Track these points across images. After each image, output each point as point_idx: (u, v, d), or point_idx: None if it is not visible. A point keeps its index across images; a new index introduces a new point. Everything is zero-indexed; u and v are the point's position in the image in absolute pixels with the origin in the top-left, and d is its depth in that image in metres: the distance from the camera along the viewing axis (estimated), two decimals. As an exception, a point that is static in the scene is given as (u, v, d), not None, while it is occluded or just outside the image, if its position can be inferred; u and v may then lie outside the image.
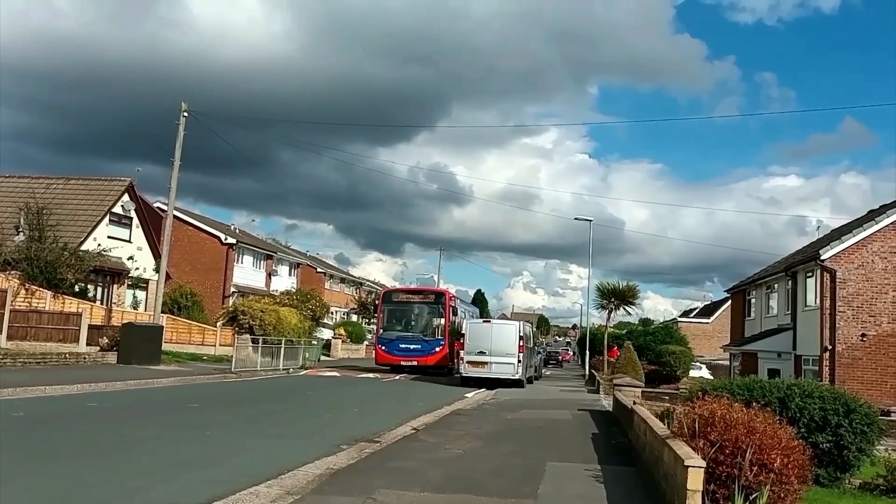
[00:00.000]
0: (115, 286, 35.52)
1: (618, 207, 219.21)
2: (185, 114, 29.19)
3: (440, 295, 34.35)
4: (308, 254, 73.22)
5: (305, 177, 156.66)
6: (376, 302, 75.27)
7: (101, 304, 33.15)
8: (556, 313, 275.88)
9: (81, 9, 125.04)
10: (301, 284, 54.88)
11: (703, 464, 6.25)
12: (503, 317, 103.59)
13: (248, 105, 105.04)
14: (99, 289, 34.56)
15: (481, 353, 26.34)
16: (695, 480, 6.12)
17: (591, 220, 44.14)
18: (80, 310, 27.64)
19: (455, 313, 33.63)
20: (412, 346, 31.40)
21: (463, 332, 27.91)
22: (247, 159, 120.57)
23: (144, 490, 7.04)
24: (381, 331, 32.75)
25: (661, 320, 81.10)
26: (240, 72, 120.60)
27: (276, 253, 56.61)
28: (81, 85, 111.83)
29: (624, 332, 54.12)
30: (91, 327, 26.98)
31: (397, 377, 29.92)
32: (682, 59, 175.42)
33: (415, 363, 31.08)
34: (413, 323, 32.76)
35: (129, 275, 36.01)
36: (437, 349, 31.43)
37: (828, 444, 9.74)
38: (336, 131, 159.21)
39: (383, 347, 32.02)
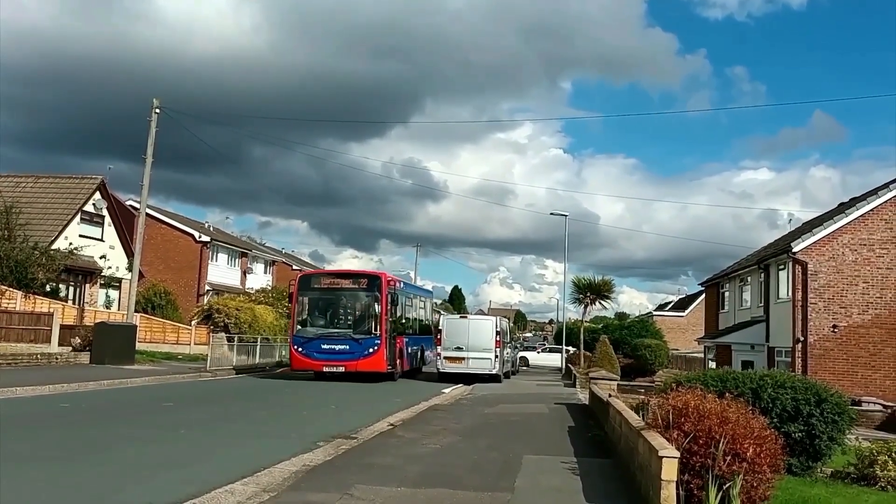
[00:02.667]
0: (88, 285, 35.09)
1: (593, 202, 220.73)
2: (157, 110, 28.86)
3: (374, 279, 25.26)
4: (283, 251, 72.77)
5: (278, 173, 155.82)
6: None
7: (74, 303, 32.74)
8: (532, 308, 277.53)
9: (46, 1, 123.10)
10: (276, 282, 54.53)
11: (678, 454, 6.30)
12: (480, 313, 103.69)
13: (218, 100, 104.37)
14: (71, 288, 34.13)
15: (458, 348, 26.40)
16: (669, 471, 6.17)
17: (566, 216, 44.24)
18: (51, 310, 27.26)
19: (395, 302, 25.57)
20: (338, 347, 23.89)
21: (440, 328, 27.94)
22: (219, 156, 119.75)
23: (118, 491, 6.96)
24: (297, 327, 24.95)
25: (637, 314, 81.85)
26: (209, 66, 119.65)
27: (250, 251, 56.20)
28: (49, 80, 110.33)
29: (600, 326, 54.53)
30: (63, 327, 26.62)
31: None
32: (653, 54, 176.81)
33: (342, 369, 23.72)
34: (339, 316, 25.42)
35: (102, 274, 35.58)
36: (372, 350, 23.78)
37: (800, 434, 9.87)
38: (308, 127, 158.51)
39: (300, 349, 24.37)
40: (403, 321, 27.46)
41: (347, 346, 23.87)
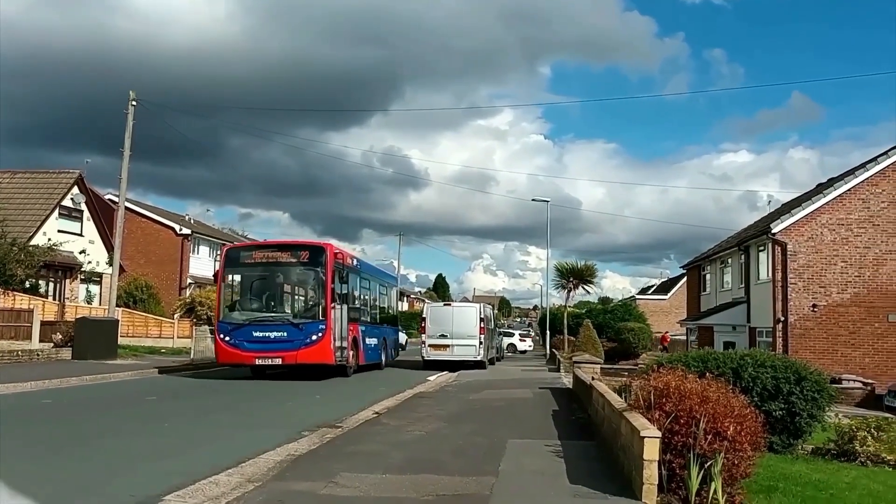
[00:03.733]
0: (68, 281, 34.80)
1: (574, 187, 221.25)
2: (134, 103, 28.57)
3: (318, 251, 20.59)
4: (266, 243, 72.31)
5: (257, 164, 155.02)
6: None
7: (54, 299, 32.47)
8: (516, 295, 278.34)
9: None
10: (260, 274, 54.22)
11: (659, 434, 6.36)
12: (465, 300, 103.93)
13: (194, 90, 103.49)
14: (51, 284, 33.84)
15: (443, 335, 26.49)
16: (651, 451, 6.23)
17: (548, 201, 44.43)
18: (31, 306, 27.04)
19: (346, 280, 21.49)
20: (273, 335, 19.54)
21: (424, 316, 27.97)
22: (198, 147, 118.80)
23: (102, 484, 6.93)
24: (223, 311, 20.44)
25: (620, 298, 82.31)
26: (184, 56, 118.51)
27: (232, 243, 55.88)
28: (22, 74, 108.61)
29: (584, 311, 54.89)
30: (44, 323, 26.42)
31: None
32: (632, 37, 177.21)
33: (278, 360, 19.56)
34: (275, 297, 21.38)
35: (82, 269, 35.28)
36: (315, 337, 19.46)
37: (780, 412, 9.99)
38: (286, 116, 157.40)
39: (227, 338, 19.84)
40: (359, 306, 23.39)
41: (285, 333, 19.46)
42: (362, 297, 24.36)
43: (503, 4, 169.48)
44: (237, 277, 21.10)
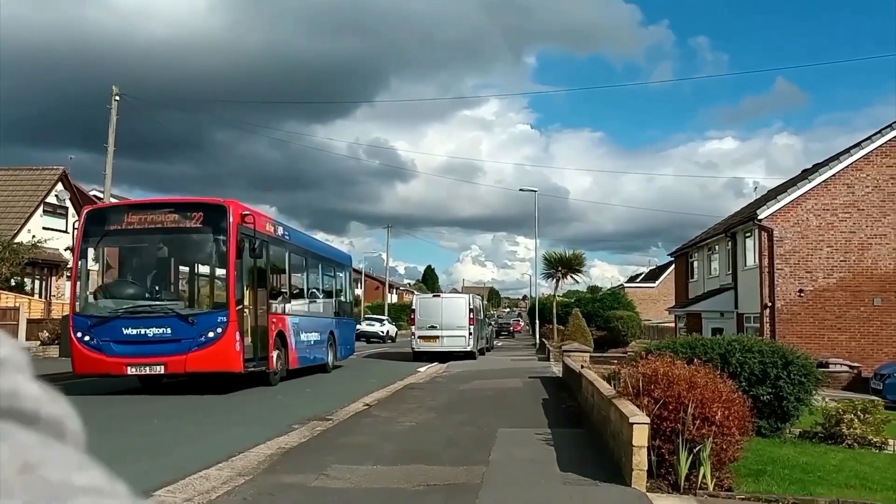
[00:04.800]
0: (54, 278, 34.55)
1: (561, 177, 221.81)
2: (117, 98, 28.35)
3: (216, 213, 14.49)
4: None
5: (242, 157, 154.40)
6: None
7: (40, 297, 32.26)
8: (506, 285, 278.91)
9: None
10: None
11: (648, 420, 6.40)
12: (454, 291, 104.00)
13: (176, 84, 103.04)
14: (37, 282, 33.59)
15: (432, 327, 26.50)
16: (640, 437, 6.27)
17: (535, 191, 44.41)
18: (17, 304, 26.89)
19: (261, 254, 15.16)
20: (152, 333, 13.92)
21: (413, 308, 27.96)
22: (182, 141, 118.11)
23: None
24: (81, 300, 14.80)
25: (609, 287, 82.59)
26: (165, 49, 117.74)
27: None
28: (4, 68, 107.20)
29: (573, 300, 55.02)
30: (30, 321, 26.28)
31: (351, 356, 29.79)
32: (616, 25, 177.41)
33: (159, 368, 13.93)
34: (155, 280, 15.38)
35: (68, 266, 35.04)
36: (212, 334, 13.77)
37: (768, 396, 10.06)
38: (271, 109, 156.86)
39: (86, 337, 14.07)
40: (288, 290, 17.76)
41: (169, 330, 13.76)
42: (295, 278, 18.74)
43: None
44: (103, 251, 15.18)
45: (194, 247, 15.53)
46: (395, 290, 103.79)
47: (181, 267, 16.23)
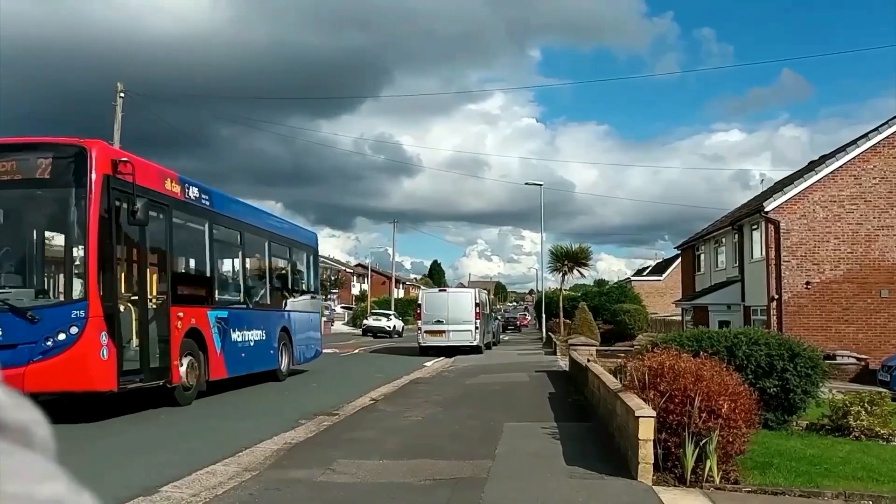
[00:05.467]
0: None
1: (567, 170, 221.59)
2: (122, 94, 28.38)
3: (69, 156, 10.01)
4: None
5: (247, 153, 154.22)
6: (332, 278, 72.68)
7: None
8: (512, 280, 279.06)
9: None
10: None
11: (654, 413, 6.39)
12: (460, 286, 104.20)
13: (180, 80, 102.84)
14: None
15: (439, 321, 26.51)
16: (646, 430, 6.27)
17: (541, 185, 44.34)
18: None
19: (139, 215, 10.23)
20: None
21: (420, 302, 27.96)
22: (186, 137, 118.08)
23: (96, 478, 6.93)
24: None
25: (616, 280, 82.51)
26: (168, 45, 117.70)
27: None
28: (8, 64, 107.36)
29: (579, 294, 54.95)
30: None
31: (356, 350, 29.86)
32: (620, 17, 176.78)
33: None
34: None
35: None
36: (64, 337, 9.49)
37: (775, 389, 10.02)
38: (276, 104, 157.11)
39: None
40: (211, 275, 13.47)
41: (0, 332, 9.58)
42: (222, 259, 14.59)
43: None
44: None
45: (39, 207, 10.88)
46: (401, 285, 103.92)
47: (24, 238, 10.94)
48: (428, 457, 7.48)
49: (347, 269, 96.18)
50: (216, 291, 13.65)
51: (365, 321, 54.43)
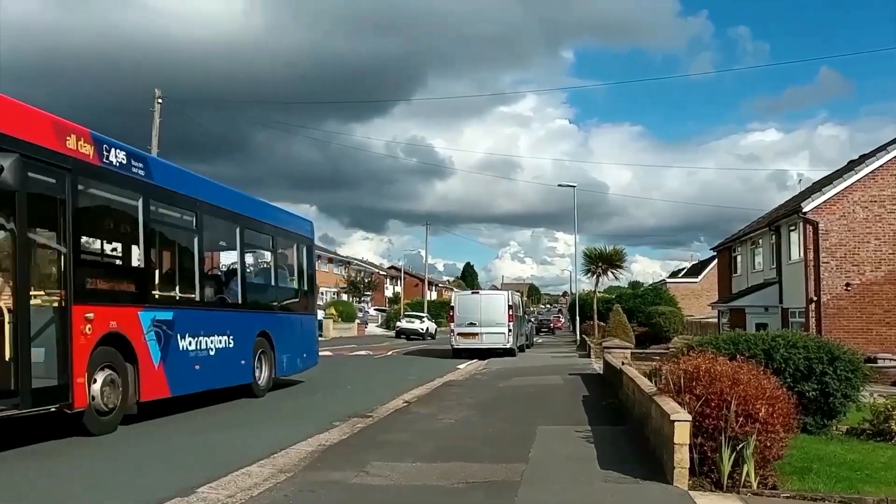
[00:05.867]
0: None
1: (601, 171, 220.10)
2: (159, 101, 28.87)
3: None
4: (294, 236, 72.94)
5: (282, 158, 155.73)
6: (365, 279, 73.17)
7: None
8: (545, 282, 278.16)
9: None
10: (288, 267, 54.61)
11: (689, 417, 6.32)
12: (493, 288, 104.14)
13: (216, 86, 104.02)
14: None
15: (471, 324, 26.52)
16: (681, 434, 6.20)
17: (574, 186, 44.21)
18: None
19: (51, 186, 8.54)
20: None
21: (452, 305, 27.98)
22: (222, 143, 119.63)
23: (132, 480, 7.04)
24: None
25: (651, 282, 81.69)
26: (203, 52, 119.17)
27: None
28: (43, 76, 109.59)
29: (613, 296, 54.52)
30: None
31: (389, 353, 29.98)
32: (654, 17, 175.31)
33: None
34: None
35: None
36: None
37: (814, 393, 9.84)
38: (310, 109, 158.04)
39: None
40: (148, 265, 10.84)
41: None
42: (166, 246, 11.88)
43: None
44: None
45: None
46: (434, 288, 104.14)
47: None
48: (461, 460, 7.48)
49: (381, 272, 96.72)
50: (154, 286, 10.85)
51: (398, 323, 54.65)
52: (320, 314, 51.79)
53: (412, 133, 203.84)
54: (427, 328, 51.97)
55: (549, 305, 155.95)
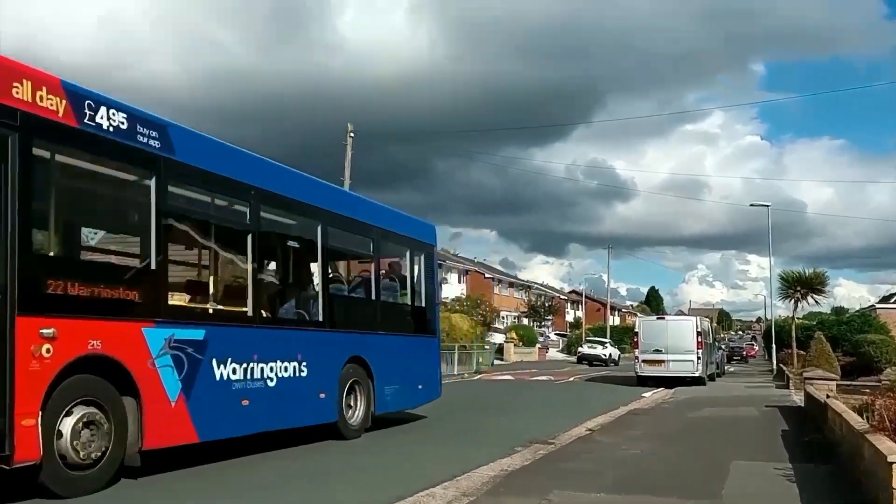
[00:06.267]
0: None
1: (797, 189, 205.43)
2: (351, 134, 30.54)
3: None
4: (475, 260, 74.26)
5: (463, 184, 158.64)
6: (546, 304, 72.99)
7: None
8: (736, 307, 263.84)
9: (237, 43, 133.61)
10: (470, 291, 55.81)
11: (909, 459, 5.68)
12: (680, 313, 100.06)
13: (401, 119, 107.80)
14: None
15: (657, 350, 25.59)
16: (900, 478, 5.58)
17: (768, 206, 41.64)
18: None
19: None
20: None
21: (636, 331, 27.15)
22: (408, 171, 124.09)
23: (329, 493, 7.36)
24: None
25: (857, 308, 75.07)
26: (391, 86, 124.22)
27: (444, 261, 57.88)
28: (242, 116, 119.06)
29: (814, 322, 50.58)
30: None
31: (571, 378, 29.59)
32: (855, 22, 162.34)
33: None
34: None
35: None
36: None
37: None
38: (490, 136, 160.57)
39: None
40: (146, 261, 7.68)
41: None
42: (196, 241, 9.53)
43: (703, 4, 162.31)
44: None
45: None
46: (616, 313, 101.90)
47: None
48: (648, 493, 7.17)
49: (561, 296, 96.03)
50: (173, 295, 8.36)
51: (580, 349, 53.96)
52: (500, 338, 52.41)
53: (592, 156, 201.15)
54: (609, 354, 50.85)
55: (741, 332, 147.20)
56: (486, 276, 70.08)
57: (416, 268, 13.72)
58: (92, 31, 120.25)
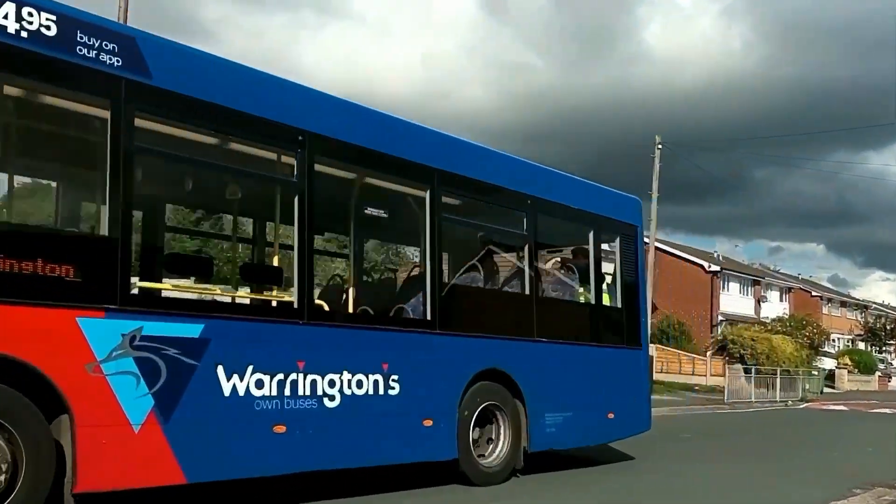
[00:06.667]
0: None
1: None
2: (659, 146, 29.79)
3: None
4: (799, 277, 68.13)
5: (784, 194, 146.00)
6: (887, 326, 64.72)
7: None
8: None
9: (544, 64, 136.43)
10: (794, 310, 51.23)
11: None
12: None
13: (711, 127, 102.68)
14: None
15: None
16: None
17: None
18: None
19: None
20: None
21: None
22: (718, 183, 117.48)
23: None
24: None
25: None
26: (701, 95, 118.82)
27: (763, 278, 54.00)
28: (546, 134, 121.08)
29: None
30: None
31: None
32: None
33: None
34: None
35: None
36: None
37: None
38: (813, 140, 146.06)
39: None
40: (112, 220, 5.15)
41: None
42: (220, 205, 8.79)
43: None
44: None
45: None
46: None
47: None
48: None
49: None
50: (141, 275, 6.74)
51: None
52: (830, 363, 47.22)
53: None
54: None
55: None
56: (813, 293, 63.78)
57: (601, 254, 9.90)
58: (416, 67, 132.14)
